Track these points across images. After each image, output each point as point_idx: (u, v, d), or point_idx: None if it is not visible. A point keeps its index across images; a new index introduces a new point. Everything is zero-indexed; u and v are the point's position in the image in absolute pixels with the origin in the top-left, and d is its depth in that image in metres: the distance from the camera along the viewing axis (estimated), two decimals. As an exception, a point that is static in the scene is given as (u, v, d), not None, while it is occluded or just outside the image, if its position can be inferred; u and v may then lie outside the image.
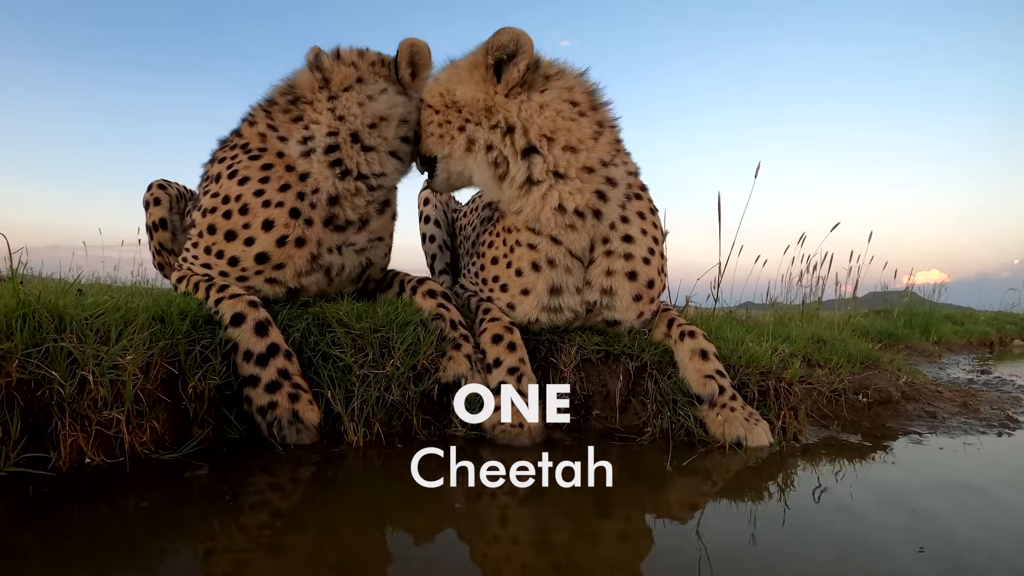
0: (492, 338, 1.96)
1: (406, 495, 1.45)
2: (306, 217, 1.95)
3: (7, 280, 1.62)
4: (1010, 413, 2.57)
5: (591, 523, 1.35)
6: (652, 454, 1.82)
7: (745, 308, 4.71)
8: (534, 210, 1.91)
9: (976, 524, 1.38)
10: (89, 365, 1.49)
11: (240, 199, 1.94)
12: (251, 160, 1.99)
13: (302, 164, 1.96)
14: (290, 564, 1.11)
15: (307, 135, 1.97)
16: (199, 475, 1.52)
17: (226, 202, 1.96)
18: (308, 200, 1.96)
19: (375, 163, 2.01)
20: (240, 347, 1.77)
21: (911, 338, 5.17)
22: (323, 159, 1.95)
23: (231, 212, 1.95)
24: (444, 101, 1.99)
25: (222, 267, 1.98)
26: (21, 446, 1.41)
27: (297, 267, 1.98)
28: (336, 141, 1.96)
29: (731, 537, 1.27)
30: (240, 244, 1.94)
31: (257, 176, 1.95)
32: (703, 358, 2.02)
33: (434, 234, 3.32)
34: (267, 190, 1.93)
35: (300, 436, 1.72)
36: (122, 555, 1.12)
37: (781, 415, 2.09)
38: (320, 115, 1.98)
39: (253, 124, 2.06)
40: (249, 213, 1.93)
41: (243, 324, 1.78)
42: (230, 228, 1.94)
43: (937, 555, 1.20)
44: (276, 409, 1.71)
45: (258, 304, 1.84)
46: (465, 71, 1.96)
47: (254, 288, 1.98)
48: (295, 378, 1.77)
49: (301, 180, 1.96)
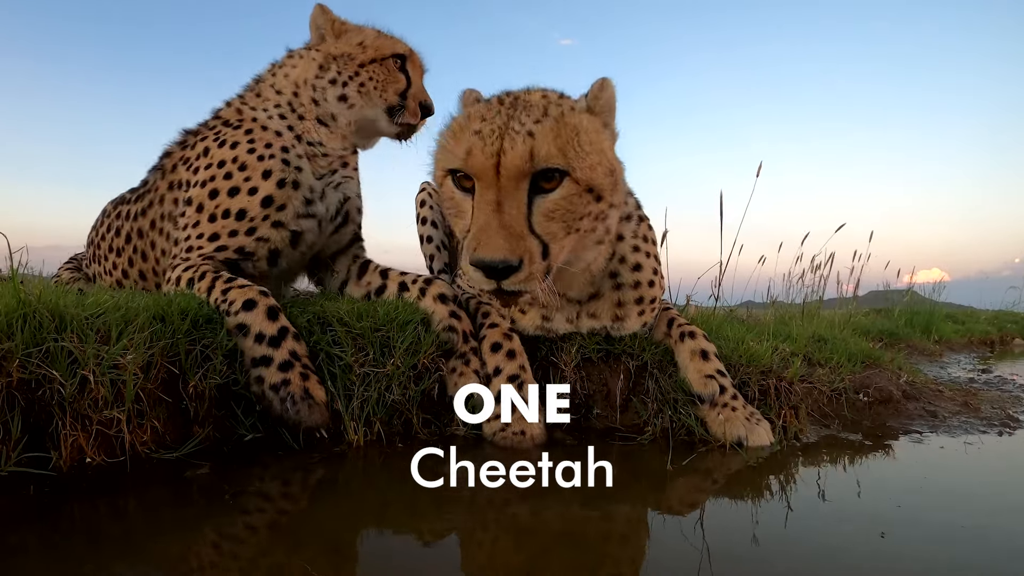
0: (491, 347, 1.95)
1: (407, 495, 1.45)
2: (295, 165, 2.18)
3: (7, 280, 1.62)
4: (1011, 412, 2.57)
5: (592, 523, 1.35)
6: (653, 453, 1.82)
7: (746, 307, 4.71)
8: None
9: (977, 523, 1.38)
10: (90, 365, 1.49)
11: (236, 160, 2.12)
12: (235, 129, 2.20)
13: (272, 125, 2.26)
14: (290, 563, 1.11)
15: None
16: (200, 474, 1.52)
17: (222, 166, 2.12)
18: (293, 151, 2.19)
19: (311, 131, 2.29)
20: (252, 329, 1.79)
21: (912, 337, 5.17)
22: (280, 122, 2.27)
23: (231, 172, 2.10)
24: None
25: (231, 226, 2.06)
26: (22, 446, 1.41)
27: (295, 208, 2.14)
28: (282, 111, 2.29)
29: (732, 537, 1.27)
30: (245, 195, 2.08)
31: (245, 139, 2.16)
32: (703, 358, 2.02)
33: (431, 235, 3.34)
34: (256, 147, 2.15)
35: (311, 412, 1.73)
36: (122, 555, 1.12)
37: (782, 414, 2.09)
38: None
39: (229, 105, 2.36)
40: (248, 168, 2.10)
41: (256, 308, 1.82)
42: (233, 185, 2.09)
43: (937, 555, 1.20)
44: (289, 386, 1.73)
45: (268, 293, 1.89)
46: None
47: (263, 237, 2.09)
48: (304, 359, 1.80)
49: (278, 136, 2.20)
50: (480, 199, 1.56)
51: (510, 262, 1.48)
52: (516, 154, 1.52)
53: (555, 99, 1.69)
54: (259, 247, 2.09)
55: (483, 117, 1.60)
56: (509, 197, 1.54)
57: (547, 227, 1.59)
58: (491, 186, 1.54)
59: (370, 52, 2.28)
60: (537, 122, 1.57)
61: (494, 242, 1.49)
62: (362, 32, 2.34)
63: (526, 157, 1.52)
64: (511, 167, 1.52)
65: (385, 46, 2.30)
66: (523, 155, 1.52)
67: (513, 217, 1.53)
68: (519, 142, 1.53)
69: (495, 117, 1.59)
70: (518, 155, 1.52)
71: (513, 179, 1.53)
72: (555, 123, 1.58)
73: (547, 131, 1.55)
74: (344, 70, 2.26)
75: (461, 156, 1.57)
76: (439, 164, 1.69)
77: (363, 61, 2.26)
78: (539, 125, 1.56)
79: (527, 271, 1.52)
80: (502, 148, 1.53)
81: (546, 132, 1.55)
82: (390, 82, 2.29)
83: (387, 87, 2.28)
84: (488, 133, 1.55)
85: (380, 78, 2.28)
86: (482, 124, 1.58)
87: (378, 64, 2.28)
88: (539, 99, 1.66)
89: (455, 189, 1.65)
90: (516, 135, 1.54)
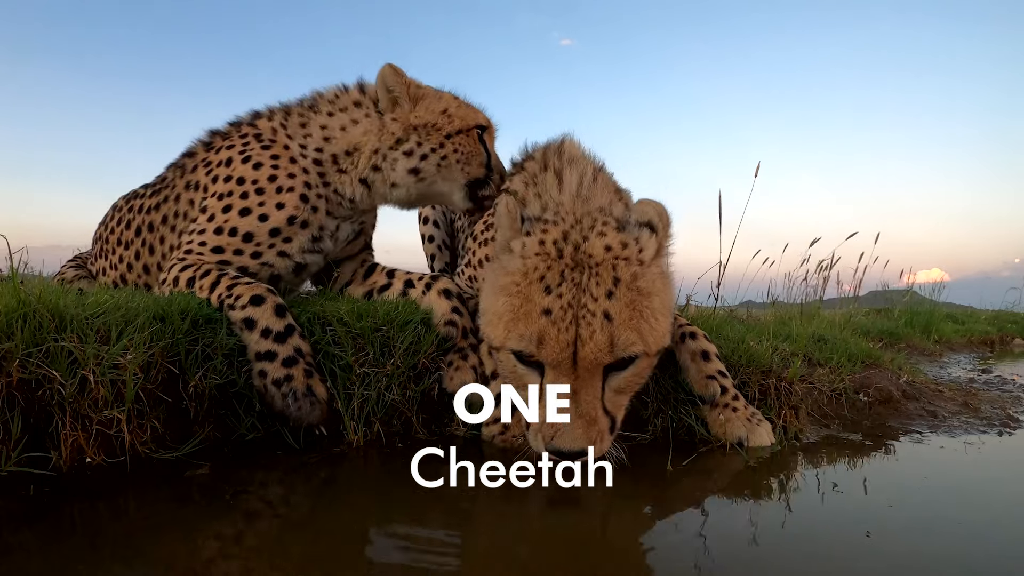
0: (489, 350, 1.95)
1: (406, 495, 1.45)
2: (312, 205, 2.13)
3: (7, 280, 1.62)
4: (1011, 412, 2.57)
5: (592, 523, 1.35)
6: (653, 453, 1.82)
7: (746, 307, 4.71)
8: None
9: (977, 523, 1.38)
10: (90, 365, 1.49)
11: (256, 182, 2.08)
12: (264, 149, 2.13)
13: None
14: (290, 563, 1.11)
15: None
16: (200, 474, 1.52)
17: (241, 183, 2.09)
18: (314, 191, 2.14)
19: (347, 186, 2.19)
20: (259, 324, 1.79)
21: (912, 337, 5.17)
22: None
23: (247, 192, 2.08)
24: None
25: (236, 245, 2.04)
26: (22, 446, 1.41)
27: (302, 244, 2.12)
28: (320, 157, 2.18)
29: (732, 536, 1.27)
30: (255, 219, 2.06)
31: (269, 163, 2.11)
32: (705, 359, 2.01)
33: (433, 234, 3.37)
34: (279, 176, 2.10)
35: (313, 409, 1.73)
36: (122, 555, 1.12)
37: (782, 414, 2.09)
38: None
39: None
40: (265, 193, 2.07)
41: (264, 303, 1.82)
42: (246, 206, 2.06)
43: (937, 554, 1.20)
44: (292, 381, 1.73)
45: (275, 291, 1.89)
46: None
47: (267, 263, 2.08)
48: (308, 357, 1.81)
49: (305, 173, 2.14)
50: (553, 386, 1.47)
51: (586, 452, 1.43)
52: (596, 346, 1.43)
53: (619, 247, 1.54)
54: (262, 270, 2.09)
55: (547, 285, 1.48)
56: (586, 386, 1.47)
57: (615, 401, 1.54)
58: (566, 375, 1.46)
59: (456, 123, 2.14)
60: (610, 295, 1.47)
61: (573, 433, 1.43)
62: (442, 98, 2.18)
63: (606, 349, 1.44)
64: (590, 359, 1.44)
65: (469, 116, 2.17)
66: (603, 347, 1.44)
67: (589, 404, 1.47)
68: (597, 329, 1.43)
69: (560, 285, 1.47)
70: (598, 347, 1.43)
71: (590, 369, 1.46)
72: (628, 293, 1.48)
73: (623, 309, 1.46)
74: (426, 141, 2.11)
75: (531, 341, 1.47)
76: (497, 332, 1.54)
77: (449, 132, 2.13)
78: (614, 302, 1.46)
79: (599, 451, 1.47)
80: (578, 336, 1.44)
81: (622, 311, 1.46)
82: (475, 155, 2.17)
83: (471, 160, 2.16)
84: (560, 316, 1.45)
85: (466, 150, 2.14)
86: (549, 300, 1.47)
87: (464, 135, 2.14)
88: (602, 251, 1.52)
89: (517, 363, 1.55)
90: (593, 319, 1.44)
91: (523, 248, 1.57)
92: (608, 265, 1.50)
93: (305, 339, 1.85)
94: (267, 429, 1.79)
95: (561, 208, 1.66)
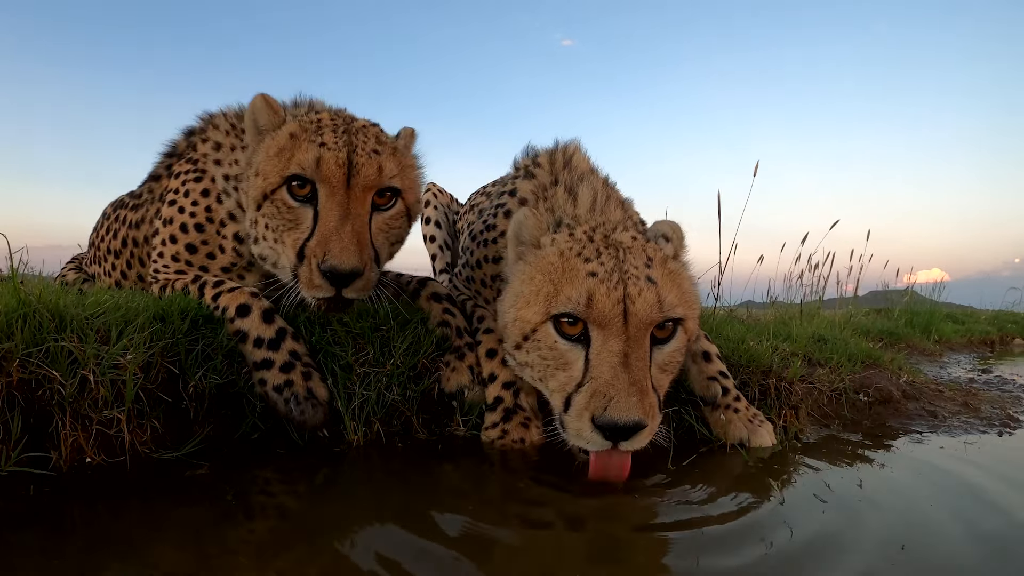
0: (487, 352, 1.92)
1: (407, 495, 1.45)
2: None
3: (7, 280, 1.62)
4: (1011, 412, 2.57)
5: (592, 523, 1.35)
6: (654, 453, 1.82)
7: (746, 307, 4.72)
8: None
9: (977, 522, 1.37)
10: (90, 365, 1.49)
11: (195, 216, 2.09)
12: (196, 182, 2.12)
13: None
14: (291, 563, 1.10)
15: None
16: (200, 474, 1.52)
17: (182, 212, 2.10)
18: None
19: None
20: (250, 335, 1.79)
21: (912, 337, 5.17)
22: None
23: (186, 224, 2.09)
24: None
25: (197, 268, 2.09)
26: (22, 446, 1.41)
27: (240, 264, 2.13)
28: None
29: (732, 536, 1.27)
30: (203, 257, 2.10)
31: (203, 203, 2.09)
32: (706, 360, 2.01)
33: (435, 235, 3.38)
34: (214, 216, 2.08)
35: (315, 412, 1.73)
36: (122, 555, 1.12)
37: (782, 414, 2.09)
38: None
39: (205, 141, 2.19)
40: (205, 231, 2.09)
41: (250, 314, 1.82)
42: (189, 241, 2.09)
43: (938, 554, 1.20)
44: (292, 387, 1.73)
45: (259, 295, 1.88)
46: None
47: (225, 267, 2.10)
48: (304, 358, 1.80)
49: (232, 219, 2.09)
50: (604, 349, 1.41)
51: (642, 424, 1.36)
52: (645, 303, 1.41)
53: (643, 240, 1.62)
54: (223, 273, 2.10)
55: (586, 257, 1.50)
56: (636, 349, 1.41)
57: (659, 380, 1.51)
58: (616, 335, 1.41)
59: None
60: (648, 265, 1.50)
61: (627, 401, 1.33)
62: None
63: (656, 306, 1.43)
64: (642, 315, 1.41)
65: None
66: (652, 303, 1.42)
67: (640, 371, 1.40)
68: (644, 287, 1.42)
69: (600, 256, 1.49)
70: (647, 304, 1.41)
71: (641, 329, 1.42)
72: (663, 267, 1.53)
73: (663, 276, 1.49)
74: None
75: (580, 302, 1.42)
76: (536, 308, 1.51)
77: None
78: (653, 269, 1.49)
79: (649, 431, 1.41)
80: (627, 295, 1.41)
81: (662, 276, 1.48)
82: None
83: None
84: (606, 277, 1.43)
85: None
86: (592, 265, 1.47)
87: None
88: (630, 240, 1.59)
89: (559, 339, 1.49)
90: (639, 280, 1.43)
91: (553, 241, 1.61)
92: (639, 248, 1.57)
93: (300, 340, 1.84)
94: (267, 428, 1.79)
95: (578, 219, 1.73)
